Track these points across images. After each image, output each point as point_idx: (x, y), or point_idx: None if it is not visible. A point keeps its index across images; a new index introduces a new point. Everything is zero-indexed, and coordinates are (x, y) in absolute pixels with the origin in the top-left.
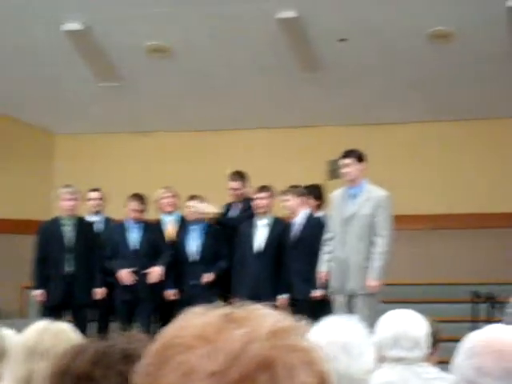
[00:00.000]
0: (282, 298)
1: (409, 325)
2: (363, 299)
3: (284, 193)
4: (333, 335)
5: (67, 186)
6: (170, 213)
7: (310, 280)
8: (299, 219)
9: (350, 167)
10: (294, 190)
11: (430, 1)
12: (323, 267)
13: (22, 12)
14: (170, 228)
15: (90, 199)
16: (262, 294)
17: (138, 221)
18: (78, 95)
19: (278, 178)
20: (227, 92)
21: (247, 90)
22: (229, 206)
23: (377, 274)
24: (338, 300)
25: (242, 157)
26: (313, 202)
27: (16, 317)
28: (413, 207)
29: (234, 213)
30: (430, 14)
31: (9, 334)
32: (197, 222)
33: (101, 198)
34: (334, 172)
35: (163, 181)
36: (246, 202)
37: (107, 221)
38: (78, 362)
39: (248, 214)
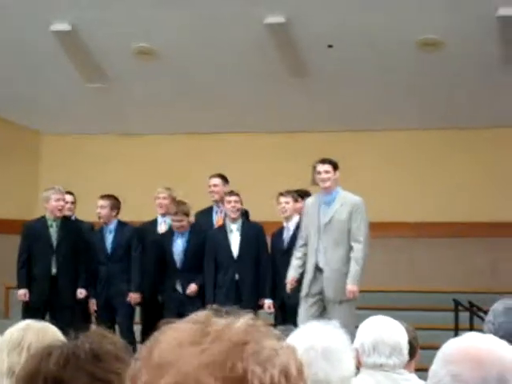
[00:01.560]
0: (268, 302)
1: (387, 331)
2: (342, 305)
3: (284, 195)
4: (312, 341)
5: (55, 187)
6: (162, 214)
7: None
8: (292, 224)
9: (330, 173)
10: (292, 193)
11: (419, 9)
12: (292, 272)
13: (11, 11)
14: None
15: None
16: (244, 298)
17: (108, 223)
18: (65, 96)
19: (263, 182)
20: (213, 95)
21: (233, 93)
22: (210, 210)
23: (355, 279)
24: (308, 305)
25: (227, 161)
26: (301, 206)
27: None
28: (397, 215)
29: (215, 217)
30: (418, 22)
31: None
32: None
33: (73, 202)
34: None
35: (148, 183)
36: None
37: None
38: (47, 364)
39: None
